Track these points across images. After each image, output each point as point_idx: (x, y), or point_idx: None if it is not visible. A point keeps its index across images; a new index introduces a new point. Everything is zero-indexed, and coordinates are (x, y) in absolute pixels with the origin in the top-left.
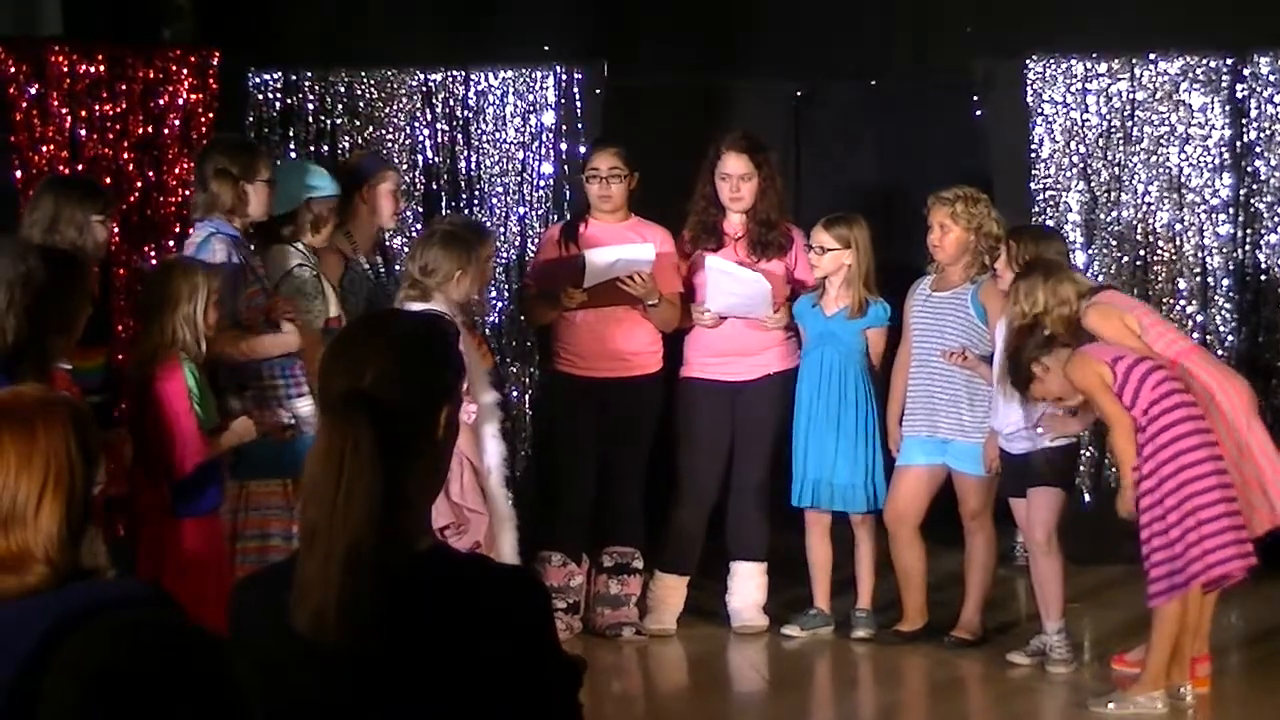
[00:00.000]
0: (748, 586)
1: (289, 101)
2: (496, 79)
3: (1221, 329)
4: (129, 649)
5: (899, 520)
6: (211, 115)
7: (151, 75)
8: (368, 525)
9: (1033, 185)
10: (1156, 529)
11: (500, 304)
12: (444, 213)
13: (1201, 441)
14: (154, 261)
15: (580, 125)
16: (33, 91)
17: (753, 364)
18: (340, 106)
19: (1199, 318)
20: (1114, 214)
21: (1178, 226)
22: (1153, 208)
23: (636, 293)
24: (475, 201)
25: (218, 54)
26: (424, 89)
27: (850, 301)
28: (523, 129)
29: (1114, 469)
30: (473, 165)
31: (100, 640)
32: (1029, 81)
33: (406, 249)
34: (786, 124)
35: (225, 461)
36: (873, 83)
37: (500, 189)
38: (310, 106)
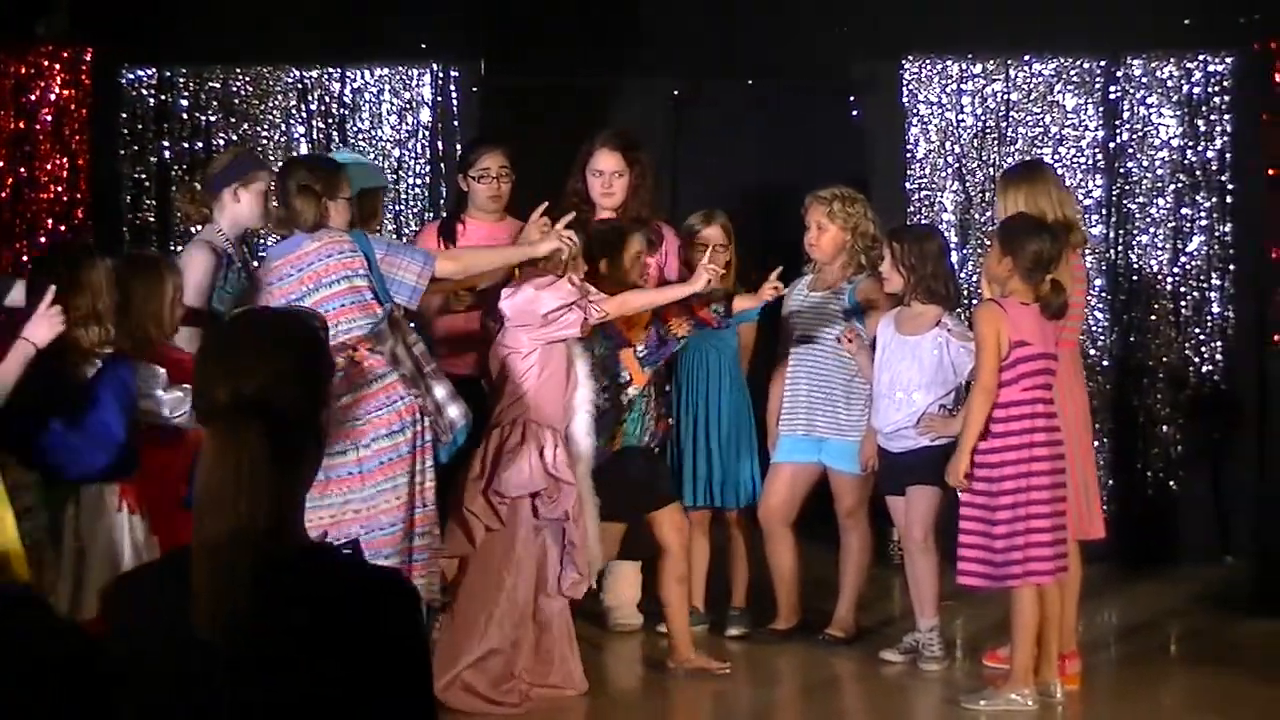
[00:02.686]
0: (623, 585)
1: (163, 98)
2: (372, 76)
3: (1094, 329)
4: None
5: (773, 518)
6: (85, 112)
7: (24, 71)
8: (268, 533)
9: (908, 185)
10: (980, 516)
11: None
12: None
13: (1050, 454)
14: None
15: (456, 124)
16: None
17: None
18: (215, 103)
19: None
20: (988, 214)
21: None
22: None
23: None
24: None
25: (91, 50)
26: (299, 86)
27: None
28: (399, 127)
29: None
30: None
31: None
32: (905, 82)
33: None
34: (665, 123)
35: None
36: (750, 82)
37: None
38: (184, 103)
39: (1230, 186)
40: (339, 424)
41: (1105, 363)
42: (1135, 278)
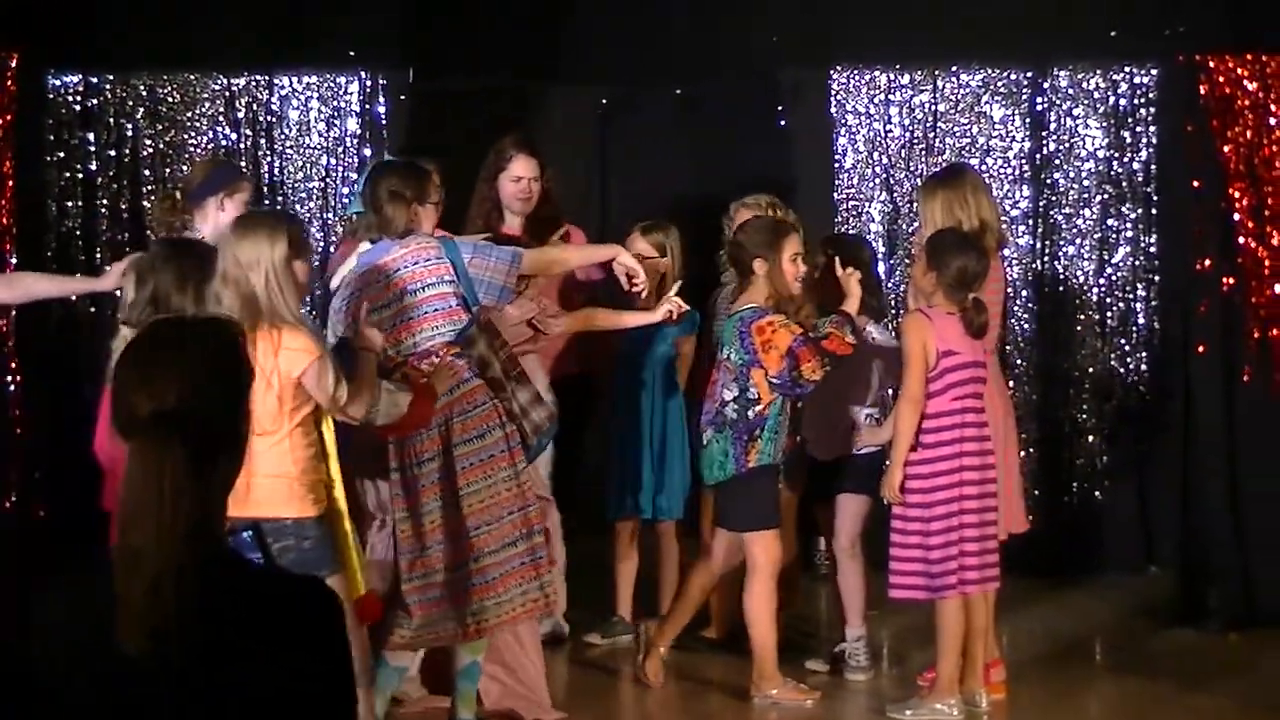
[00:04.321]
0: None
1: (89, 104)
2: (300, 84)
3: (1020, 339)
4: None
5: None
6: (10, 118)
7: None
8: (191, 542)
9: (836, 195)
10: (916, 529)
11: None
12: None
13: (980, 464)
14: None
15: (384, 132)
16: None
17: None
18: (141, 110)
19: None
20: (916, 224)
21: None
22: None
23: None
24: (278, 207)
25: (16, 55)
26: (227, 93)
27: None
28: (326, 134)
29: None
30: (276, 170)
31: None
32: (833, 92)
33: None
34: (594, 131)
35: None
36: (679, 91)
37: (304, 194)
38: (111, 109)
39: (1156, 198)
40: (426, 431)
41: (1031, 373)
42: (1061, 288)
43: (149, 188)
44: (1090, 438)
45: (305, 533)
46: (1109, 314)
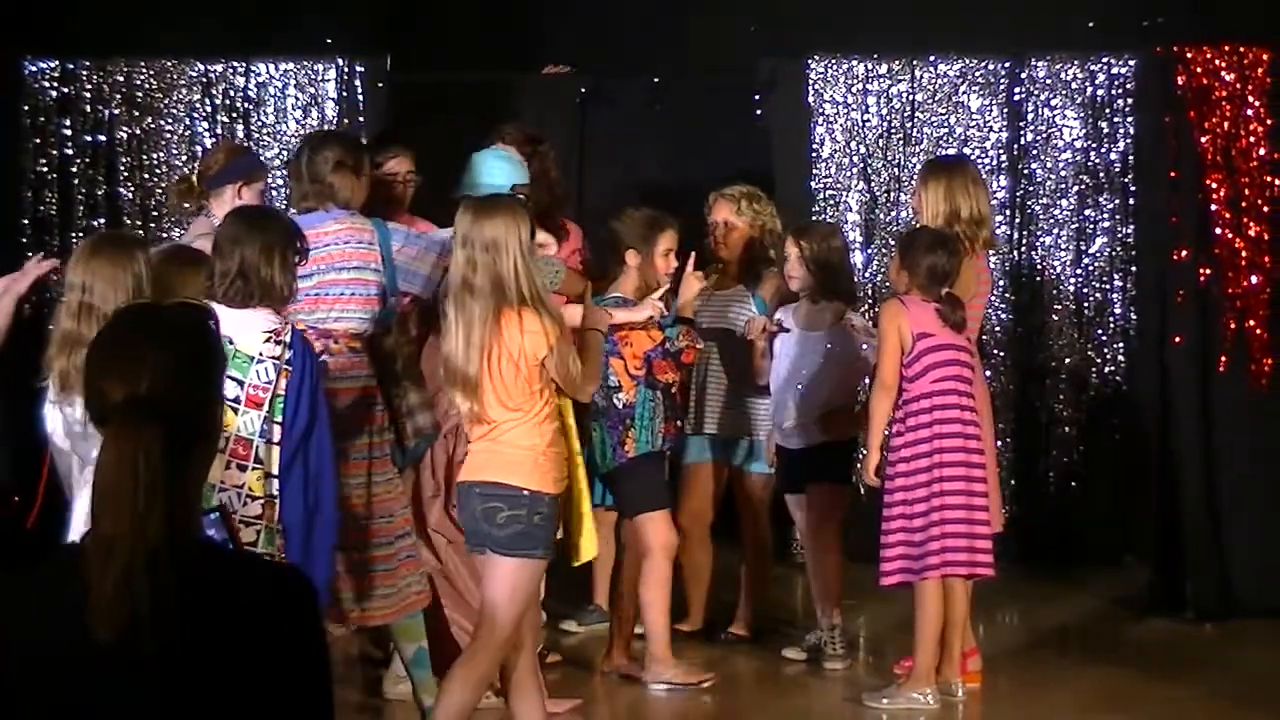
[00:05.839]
0: None
1: (66, 91)
2: (277, 71)
3: (997, 330)
4: None
5: (695, 520)
6: None
7: None
8: (165, 530)
9: (813, 184)
10: (899, 511)
11: None
12: None
13: (961, 445)
14: None
15: (361, 119)
16: None
17: None
18: (118, 96)
19: None
20: (893, 214)
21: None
22: None
23: None
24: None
25: None
26: (204, 80)
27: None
28: (303, 121)
29: None
30: None
31: None
32: (810, 81)
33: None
34: (572, 120)
35: None
36: (657, 80)
37: (280, 182)
38: (87, 96)
39: (1133, 188)
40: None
41: (1007, 364)
42: (1038, 279)
43: (125, 174)
44: (1066, 428)
45: (539, 507)
46: (1085, 304)
